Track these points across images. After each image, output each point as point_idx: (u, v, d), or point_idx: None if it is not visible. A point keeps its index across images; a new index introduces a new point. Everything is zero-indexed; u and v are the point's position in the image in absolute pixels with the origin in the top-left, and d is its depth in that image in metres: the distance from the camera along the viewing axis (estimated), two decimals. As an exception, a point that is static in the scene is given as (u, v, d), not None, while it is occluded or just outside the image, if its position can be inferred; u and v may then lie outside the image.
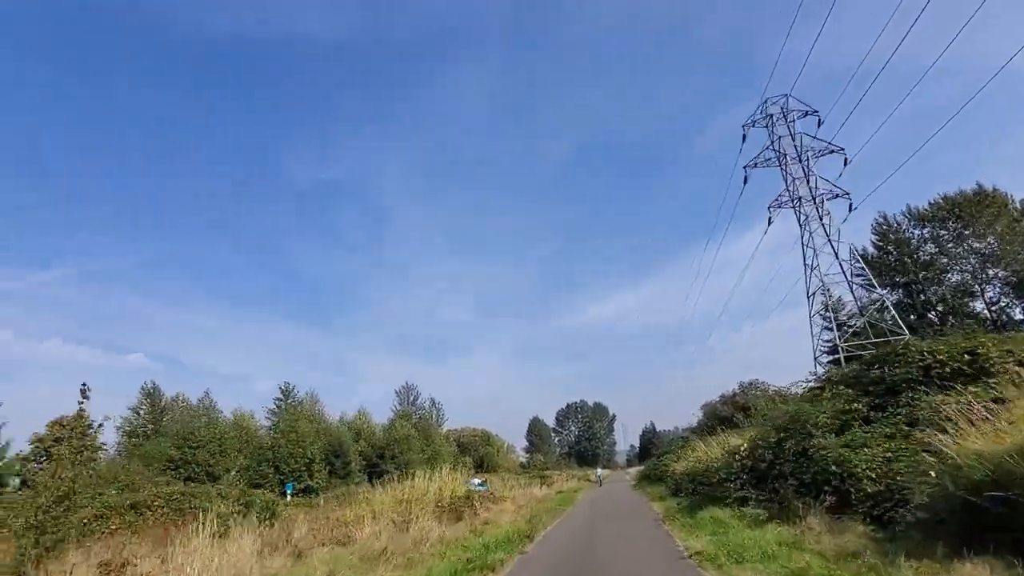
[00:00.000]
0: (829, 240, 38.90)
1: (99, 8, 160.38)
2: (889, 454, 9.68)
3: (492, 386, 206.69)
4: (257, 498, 22.09)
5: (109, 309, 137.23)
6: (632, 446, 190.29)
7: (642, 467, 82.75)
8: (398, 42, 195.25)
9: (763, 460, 14.20)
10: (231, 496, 20.64)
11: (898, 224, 51.12)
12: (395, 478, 57.88)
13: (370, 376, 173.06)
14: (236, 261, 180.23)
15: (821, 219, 39.34)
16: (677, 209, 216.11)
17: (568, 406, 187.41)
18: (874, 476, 9.47)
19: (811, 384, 20.78)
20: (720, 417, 34.26)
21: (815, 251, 38.49)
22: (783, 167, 41.13)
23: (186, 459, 39.86)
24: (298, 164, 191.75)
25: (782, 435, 13.83)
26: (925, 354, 11.73)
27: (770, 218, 41.37)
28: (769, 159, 41.80)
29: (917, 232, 49.42)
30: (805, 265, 39.77)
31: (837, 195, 39.57)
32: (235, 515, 15.87)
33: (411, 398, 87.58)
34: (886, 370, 12.59)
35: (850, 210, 39.44)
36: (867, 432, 11.12)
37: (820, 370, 55.04)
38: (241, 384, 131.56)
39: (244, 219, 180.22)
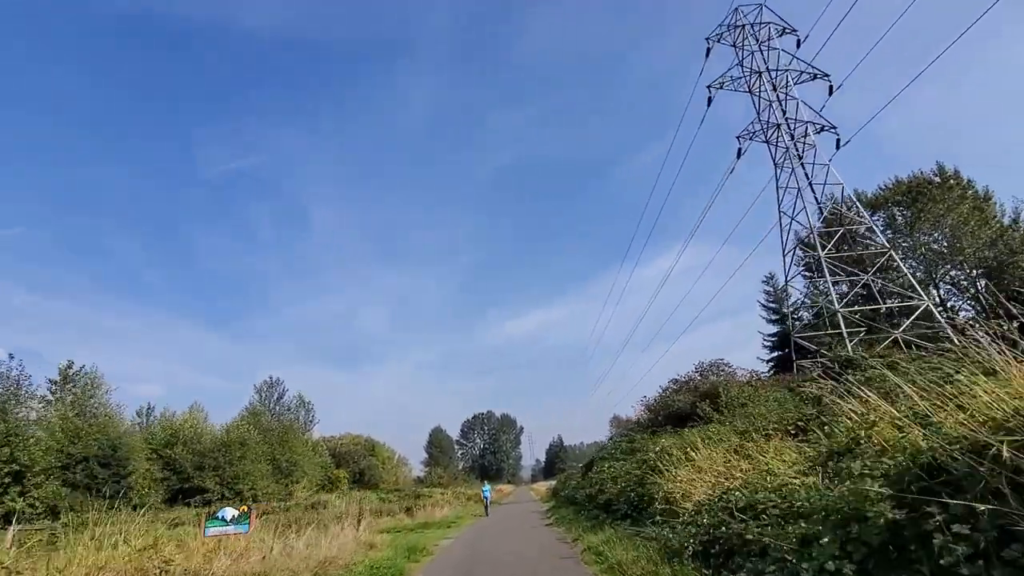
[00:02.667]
0: (810, 184, 29.62)
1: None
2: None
3: (399, 397, 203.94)
4: None
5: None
6: (538, 460, 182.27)
7: (552, 482, 71.35)
8: (332, 42, 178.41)
9: None
10: None
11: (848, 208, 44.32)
12: (214, 499, 41.01)
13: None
14: (127, 250, 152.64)
15: (801, 156, 30.05)
16: (596, 232, 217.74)
17: (474, 417, 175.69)
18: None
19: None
20: (673, 412, 23.07)
21: (801, 190, 28.84)
22: (753, 89, 31.63)
23: None
24: (209, 153, 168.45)
25: None
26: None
27: (740, 149, 31.56)
28: (737, 79, 32.20)
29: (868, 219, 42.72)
30: (780, 213, 30.16)
31: (822, 128, 30.52)
32: None
33: (275, 395, 70.39)
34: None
35: (837, 147, 30.43)
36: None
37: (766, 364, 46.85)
38: (122, 384, 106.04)
39: (142, 206, 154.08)
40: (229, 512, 12.68)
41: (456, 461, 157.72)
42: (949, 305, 39.70)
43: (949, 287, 40.50)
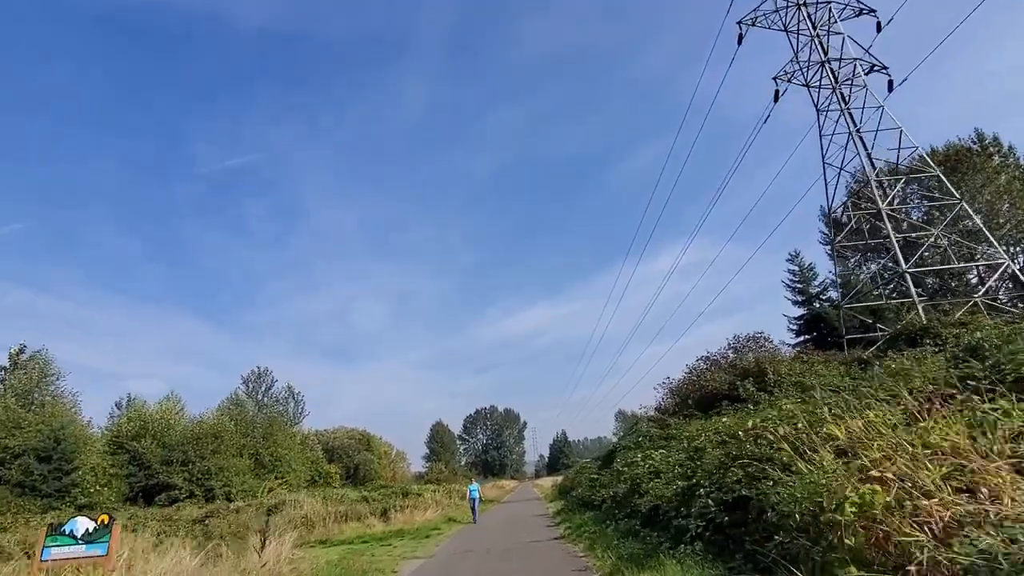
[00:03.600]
0: (857, 131, 25.21)
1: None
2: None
3: (401, 394, 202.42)
4: None
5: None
6: (541, 456, 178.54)
7: (558, 478, 67.16)
8: (328, 38, 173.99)
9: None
10: None
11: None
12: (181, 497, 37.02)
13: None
14: (125, 246, 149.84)
15: (847, 100, 25.66)
16: (597, 229, 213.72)
17: (477, 412, 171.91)
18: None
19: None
20: (706, 394, 18.82)
21: (852, 135, 24.40)
22: (789, 26, 27.21)
23: None
24: (207, 148, 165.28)
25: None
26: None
27: (777, 92, 27.07)
28: (771, 13, 27.75)
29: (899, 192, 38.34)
30: (825, 165, 25.75)
31: (872, 67, 26.11)
32: None
33: (263, 386, 66.51)
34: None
35: (890, 89, 26.03)
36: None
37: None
38: (116, 381, 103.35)
39: (142, 202, 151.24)
40: (81, 525, 8.52)
41: (458, 456, 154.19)
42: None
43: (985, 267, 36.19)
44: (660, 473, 9.32)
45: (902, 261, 20.71)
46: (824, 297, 46.82)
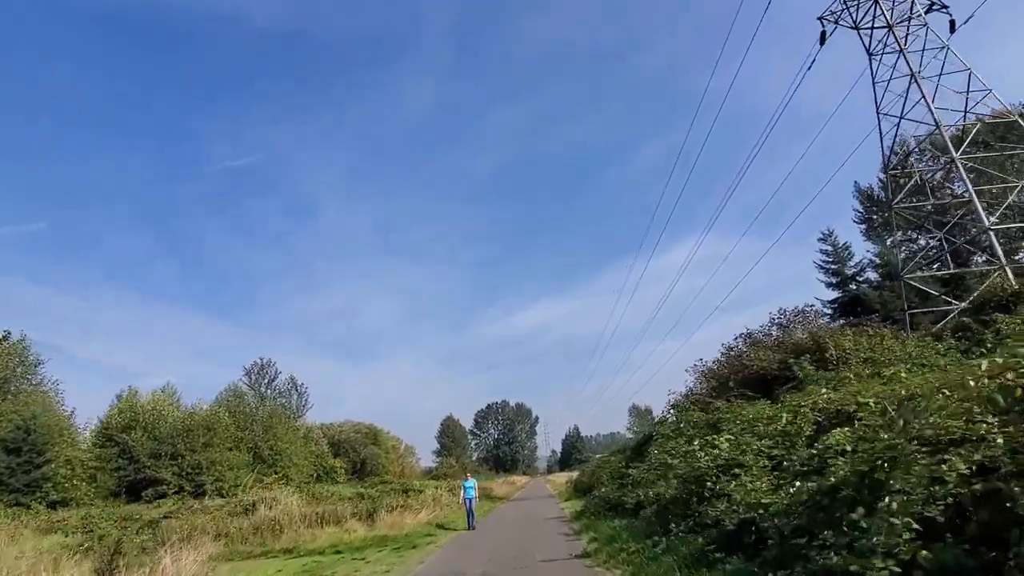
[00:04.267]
0: (917, 75, 21.79)
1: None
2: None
3: (411, 391, 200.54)
4: None
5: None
6: (554, 451, 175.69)
7: (572, 473, 64.14)
8: (330, 37, 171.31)
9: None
10: None
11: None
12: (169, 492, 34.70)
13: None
14: (138, 246, 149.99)
15: (904, 43, 22.26)
16: (605, 224, 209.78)
17: (488, 406, 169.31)
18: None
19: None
20: (751, 375, 15.77)
21: (915, 77, 21.00)
22: (837, -38, 23.78)
23: None
24: (210, 148, 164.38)
25: None
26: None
27: (823, 33, 23.68)
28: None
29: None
30: (879, 115, 22.39)
31: (932, 5, 22.68)
32: None
33: (267, 378, 64.39)
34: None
35: (952, 30, 22.58)
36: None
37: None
38: (131, 380, 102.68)
39: (155, 202, 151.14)
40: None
41: (469, 451, 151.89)
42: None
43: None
44: (741, 467, 6.34)
45: (984, 216, 17.39)
46: (862, 278, 43.35)
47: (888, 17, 22.34)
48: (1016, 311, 14.23)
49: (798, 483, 4.64)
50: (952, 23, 22.94)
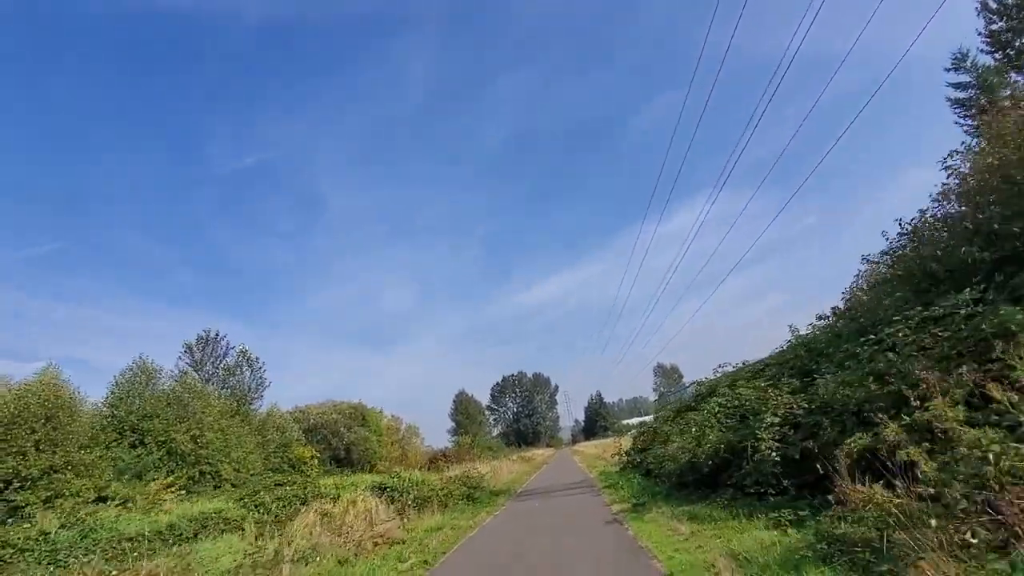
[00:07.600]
0: None
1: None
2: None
3: (427, 373, 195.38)
4: None
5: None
6: (577, 420, 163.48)
7: (603, 440, 50.62)
8: (327, 22, 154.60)
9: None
10: None
11: None
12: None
13: (310, 370, 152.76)
14: (151, 252, 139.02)
15: None
16: (616, 189, 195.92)
17: (504, 379, 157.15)
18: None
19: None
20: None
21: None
22: None
23: None
24: (220, 148, 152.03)
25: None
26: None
27: None
28: None
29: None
30: None
31: None
32: None
33: (216, 355, 51.27)
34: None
35: None
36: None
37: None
38: None
39: (162, 206, 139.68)
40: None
41: (488, 428, 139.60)
42: None
43: None
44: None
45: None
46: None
47: None
48: None
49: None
50: None
